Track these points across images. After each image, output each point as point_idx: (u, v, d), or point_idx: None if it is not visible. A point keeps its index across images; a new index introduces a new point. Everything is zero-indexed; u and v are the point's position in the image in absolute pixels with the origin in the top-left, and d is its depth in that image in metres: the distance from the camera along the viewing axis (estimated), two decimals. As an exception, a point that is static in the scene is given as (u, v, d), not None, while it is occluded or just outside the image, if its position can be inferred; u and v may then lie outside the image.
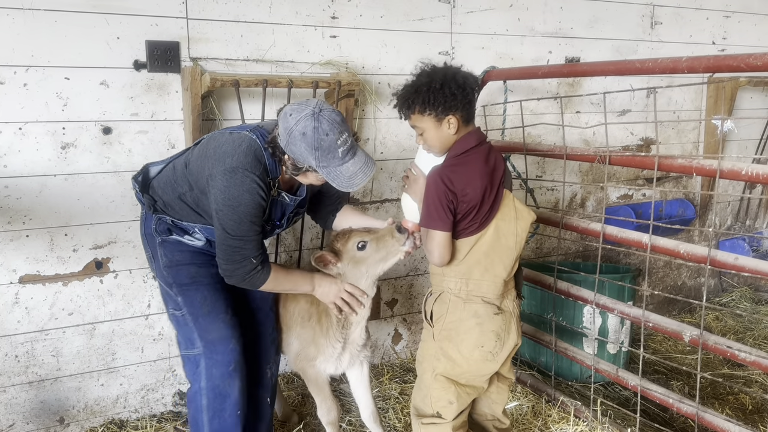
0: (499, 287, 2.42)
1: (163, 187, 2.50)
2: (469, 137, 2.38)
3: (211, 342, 2.45)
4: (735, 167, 2.37)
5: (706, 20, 4.75)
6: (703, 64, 2.38)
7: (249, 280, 2.38)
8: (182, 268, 2.49)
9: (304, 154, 2.21)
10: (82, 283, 3.05)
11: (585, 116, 4.25)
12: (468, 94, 2.33)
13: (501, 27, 3.92)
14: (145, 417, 3.26)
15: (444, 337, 2.45)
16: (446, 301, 2.44)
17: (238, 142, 2.30)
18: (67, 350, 3.07)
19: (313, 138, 2.17)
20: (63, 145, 2.91)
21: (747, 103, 5.02)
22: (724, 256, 2.44)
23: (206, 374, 2.44)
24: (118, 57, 2.94)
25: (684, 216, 4.67)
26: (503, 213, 2.40)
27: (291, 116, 2.20)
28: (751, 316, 4.49)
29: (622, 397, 3.54)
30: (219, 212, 2.27)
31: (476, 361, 2.43)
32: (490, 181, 2.37)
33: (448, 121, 2.32)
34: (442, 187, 2.32)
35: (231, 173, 2.23)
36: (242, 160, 2.25)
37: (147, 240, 2.58)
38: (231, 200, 2.24)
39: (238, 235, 2.28)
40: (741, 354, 2.40)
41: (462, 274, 2.40)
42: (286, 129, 2.21)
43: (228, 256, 2.32)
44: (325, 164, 2.22)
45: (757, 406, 3.44)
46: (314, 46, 3.36)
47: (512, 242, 2.42)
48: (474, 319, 2.40)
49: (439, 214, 2.33)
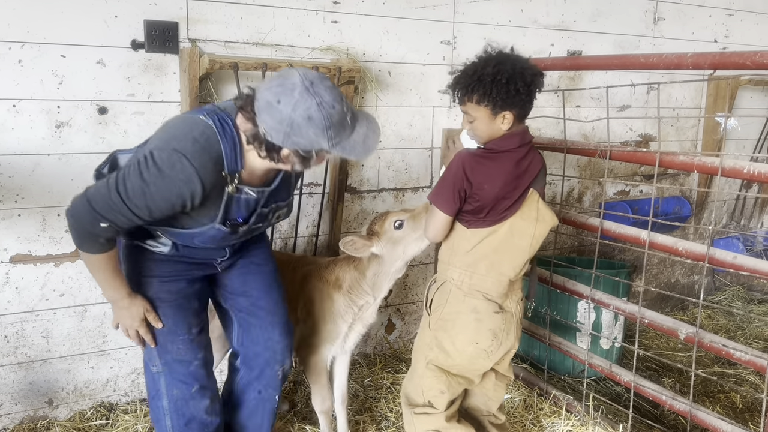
0: (504, 286, 2.37)
1: None
2: (513, 137, 2.30)
3: (171, 362, 2.28)
4: (737, 165, 2.36)
5: (708, 18, 4.73)
6: (708, 61, 2.36)
7: (77, 238, 2.04)
8: (144, 281, 2.22)
9: (313, 140, 1.87)
10: (74, 264, 3.02)
11: (585, 111, 4.23)
12: (533, 93, 2.25)
13: (504, 18, 3.89)
14: (135, 401, 3.24)
15: (440, 327, 2.42)
16: (447, 292, 2.40)
17: (189, 125, 1.97)
18: (58, 332, 3.04)
19: (321, 117, 1.84)
20: (57, 124, 2.87)
21: (746, 102, 5.01)
22: (723, 254, 2.43)
23: (168, 394, 2.30)
24: (116, 36, 2.89)
25: (680, 213, 4.67)
26: (523, 212, 2.34)
27: (280, 103, 1.84)
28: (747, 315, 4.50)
29: (613, 392, 3.55)
30: (127, 168, 1.94)
31: (469, 356, 2.41)
32: (514, 184, 2.31)
33: (503, 117, 2.24)
34: (461, 172, 2.28)
35: (169, 152, 1.90)
36: (188, 147, 1.91)
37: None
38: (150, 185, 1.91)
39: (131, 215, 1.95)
40: (736, 353, 2.40)
41: (467, 266, 2.36)
42: (282, 120, 1.84)
43: (95, 207, 1.95)
44: (338, 140, 1.90)
45: (747, 405, 3.45)
46: (315, 30, 3.32)
47: (526, 243, 2.36)
48: (473, 314, 2.36)
49: (447, 196, 2.30)
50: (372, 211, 3.70)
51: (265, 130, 1.89)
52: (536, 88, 2.25)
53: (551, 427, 3.05)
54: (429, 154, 3.82)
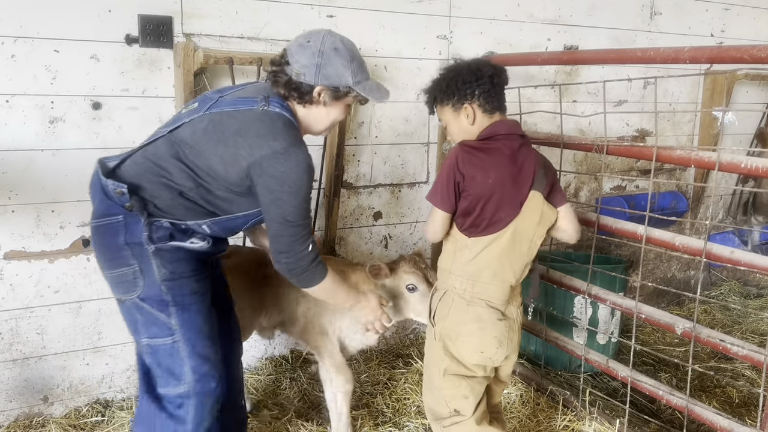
0: (506, 293, 2.34)
1: (153, 185, 2.06)
2: (498, 125, 2.31)
3: (205, 376, 2.08)
4: (734, 160, 2.35)
5: (705, 12, 4.72)
6: (705, 55, 2.35)
7: (309, 272, 2.13)
8: (184, 282, 2.08)
9: (341, 72, 2.08)
10: (68, 260, 3.00)
11: (581, 105, 4.22)
12: (483, 82, 2.27)
13: (500, 12, 3.87)
14: (130, 397, 3.23)
15: (445, 335, 2.38)
16: (449, 301, 2.36)
17: (269, 119, 2.05)
18: (53, 328, 3.03)
19: (346, 50, 2.08)
20: (51, 120, 2.85)
21: (743, 97, 5.01)
22: (720, 249, 2.42)
23: (194, 416, 2.07)
24: (110, 31, 2.87)
25: (676, 208, 4.67)
26: (525, 216, 2.29)
27: (310, 42, 2.08)
28: (744, 309, 4.51)
29: (610, 387, 3.55)
30: (278, 201, 2.01)
31: (474, 365, 2.36)
32: (511, 179, 2.26)
33: (465, 111, 2.30)
34: (453, 164, 2.26)
35: (284, 155, 1.98)
36: (288, 138, 2.02)
37: (131, 251, 2.03)
38: (291, 186, 2.00)
39: (299, 221, 2.05)
40: (733, 348, 2.39)
41: (470, 275, 2.31)
42: (313, 53, 2.06)
43: (290, 247, 2.06)
44: (360, 78, 2.12)
45: (744, 400, 3.45)
46: (310, 25, 3.28)
47: (525, 248, 2.33)
48: (476, 323, 2.32)
49: (442, 193, 2.28)
50: (368, 206, 3.69)
51: (298, 70, 2.07)
52: (487, 76, 2.27)
53: (548, 422, 3.04)
54: (425, 149, 3.80)
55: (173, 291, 2.06)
